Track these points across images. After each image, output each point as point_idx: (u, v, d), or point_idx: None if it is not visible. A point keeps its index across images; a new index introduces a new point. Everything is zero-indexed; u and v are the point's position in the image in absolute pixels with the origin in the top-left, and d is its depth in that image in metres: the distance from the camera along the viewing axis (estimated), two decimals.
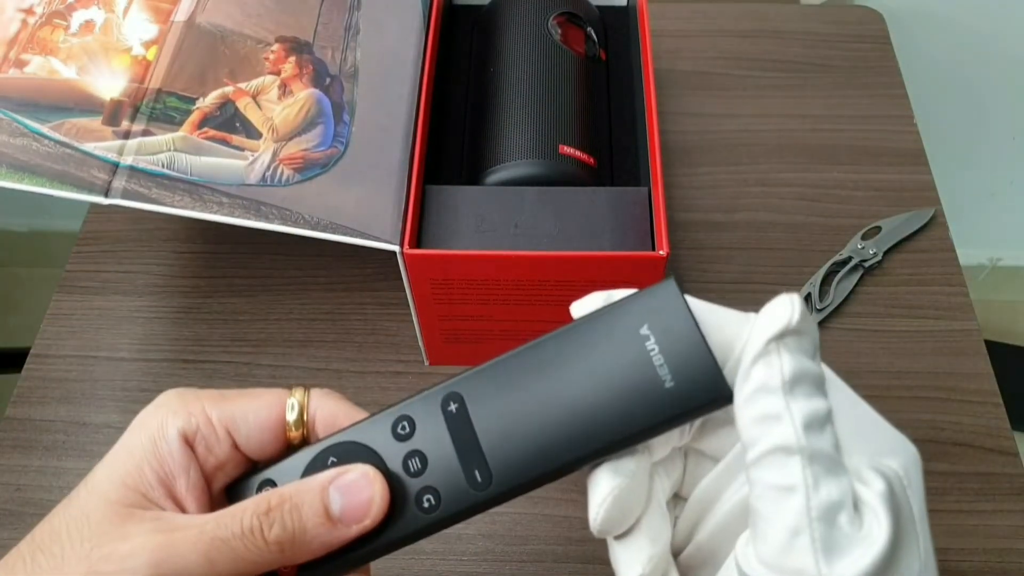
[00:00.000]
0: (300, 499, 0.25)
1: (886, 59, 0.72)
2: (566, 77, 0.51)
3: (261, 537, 0.24)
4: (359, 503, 0.25)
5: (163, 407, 0.26)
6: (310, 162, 0.47)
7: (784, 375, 0.22)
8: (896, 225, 0.61)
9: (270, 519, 0.24)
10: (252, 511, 0.24)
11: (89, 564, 0.23)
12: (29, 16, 0.49)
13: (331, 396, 0.28)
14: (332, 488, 0.25)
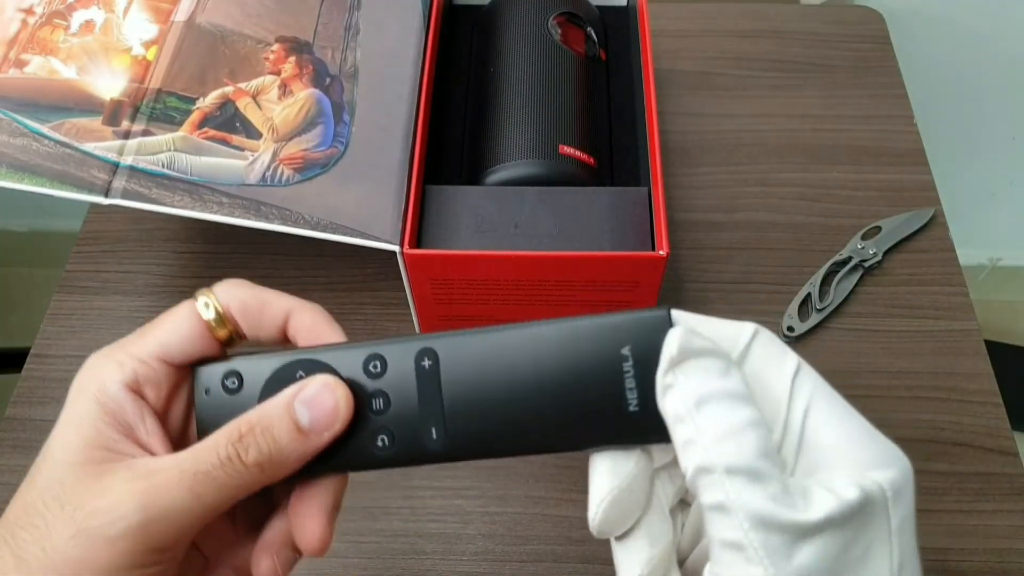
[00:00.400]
0: (269, 421, 0.25)
1: (886, 59, 0.72)
2: (566, 77, 0.51)
3: (240, 462, 0.25)
4: (325, 412, 0.25)
5: (94, 368, 0.26)
6: (310, 162, 0.47)
7: (687, 400, 0.23)
8: (896, 225, 0.61)
9: (244, 444, 0.25)
10: (226, 440, 0.25)
11: (75, 524, 0.23)
12: (29, 16, 0.49)
13: (237, 284, 0.28)
14: (297, 403, 0.25)
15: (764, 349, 0.25)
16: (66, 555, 0.23)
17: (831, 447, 0.23)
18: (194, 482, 0.24)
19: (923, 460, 0.53)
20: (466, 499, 0.51)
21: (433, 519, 0.51)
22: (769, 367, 0.24)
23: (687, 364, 0.24)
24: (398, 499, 0.51)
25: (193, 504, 0.24)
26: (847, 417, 0.24)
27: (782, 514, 0.21)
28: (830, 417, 0.24)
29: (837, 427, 0.23)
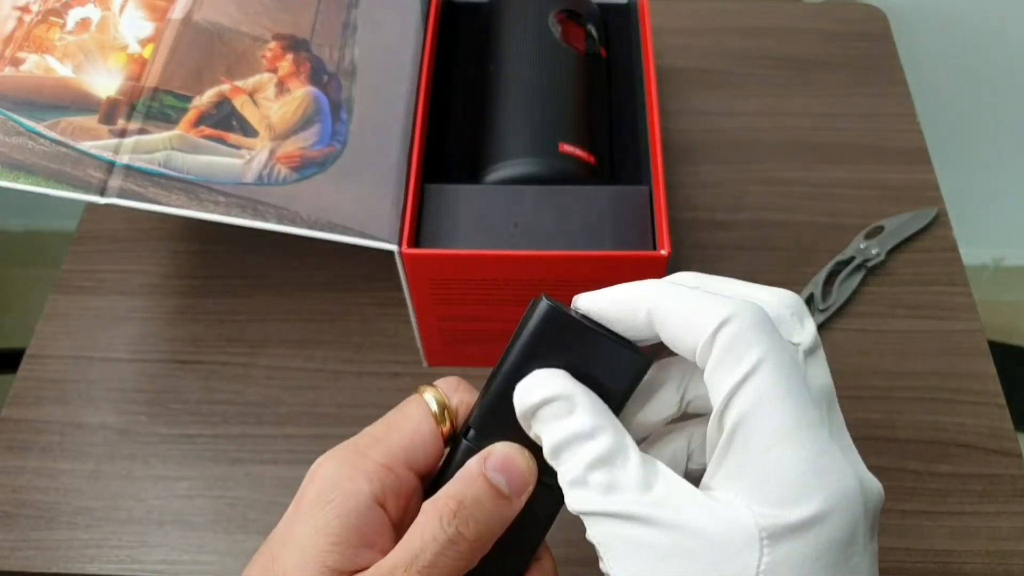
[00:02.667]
0: (474, 492, 0.25)
1: (889, 57, 0.71)
2: (566, 75, 0.51)
3: (464, 540, 0.25)
4: (517, 475, 0.26)
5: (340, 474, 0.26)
6: (307, 161, 0.46)
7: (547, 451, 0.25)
8: (899, 225, 0.61)
9: (464, 519, 0.25)
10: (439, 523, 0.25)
11: None
12: (25, 14, 0.49)
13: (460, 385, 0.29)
14: (489, 471, 0.26)
15: (726, 343, 0.23)
16: None
17: (752, 471, 0.22)
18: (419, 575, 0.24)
19: (926, 461, 0.52)
20: None
21: None
22: (724, 364, 0.23)
23: (538, 416, 0.25)
24: None
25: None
26: (788, 436, 0.22)
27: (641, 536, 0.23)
28: (765, 435, 0.22)
29: (768, 448, 0.22)
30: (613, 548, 0.23)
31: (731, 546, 0.22)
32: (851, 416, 0.57)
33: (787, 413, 0.22)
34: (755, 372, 0.22)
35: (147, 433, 0.53)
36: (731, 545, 0.22)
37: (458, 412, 0.28)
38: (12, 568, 0.49)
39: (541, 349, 0.26)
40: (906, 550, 0.49)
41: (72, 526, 0.50)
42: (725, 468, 0.23)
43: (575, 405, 0.25)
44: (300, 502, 0.26)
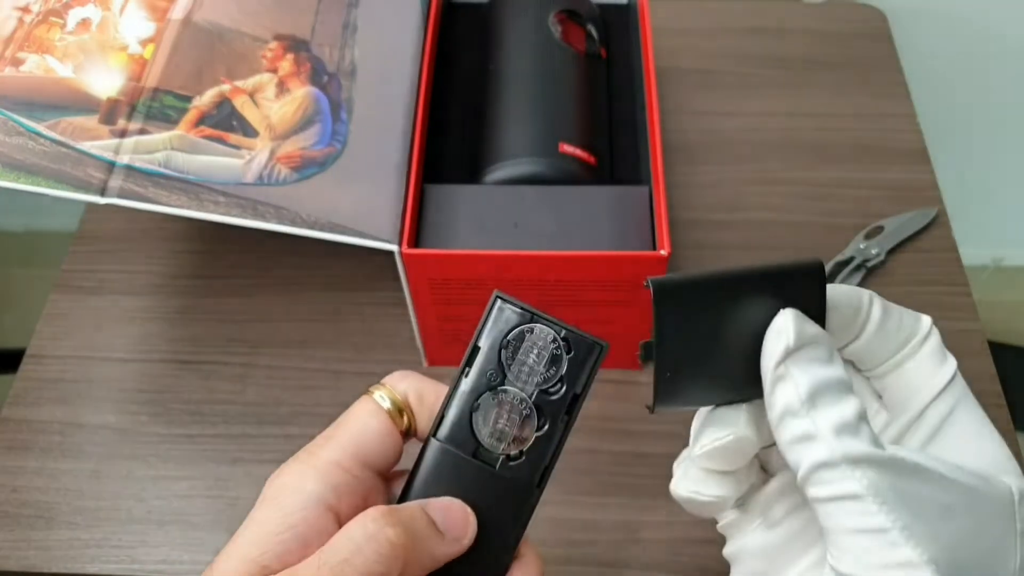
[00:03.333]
0: (409, 511, 0.25)
1: (888, 57, 0.71)
2: (566, 75, 0.51)
3: (387, 542, 0.23)
4: (456, 520, 0.25)
5: (291, 474, 0.25)
6: (307, 161, 0.46)
7: (800, 394, 0.23)
8: (899, 225, 0.61)
9: (390, 521, 0.24)
10: (363, 521, 0.24)
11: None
12: (25, 14, 0.49)
13: (407, 376, 0.28)
14: (431, 509, 0.25)
15: (934, 349, 0.26)
16: None
17: (963, 450, 0.25)
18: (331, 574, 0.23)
19: None
20: None
21: None
22: (931, 365, 0.26)
23: (799, 353, 0.24)
24: None
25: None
26: (987, 429, 0.26)
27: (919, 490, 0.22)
28: (971, 425, 0.25)
29: (976, 435, 0.25)
30: (888, 498, 0.22)
31: (997, 506, 0.23)
32: None
33: (981, 414, 0.26)
34: (955, 378, 0.26)
35: (147, 433, 0.53)
36: (998, 505, 0.23)
37: (407, 399, 0.27)
38: (12, 568, 0.49)
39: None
40: None
41: (72, 526, 0.50)
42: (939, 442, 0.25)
43: (835, 355, 0.24)
44: (255, 507, 0.26)
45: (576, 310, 0.47)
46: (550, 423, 0.26)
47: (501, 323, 0.26)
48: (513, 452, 0.26)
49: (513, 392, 0.26)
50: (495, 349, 0.26)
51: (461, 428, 0.26)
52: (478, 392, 0.26)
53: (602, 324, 0.49)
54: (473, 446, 0.26)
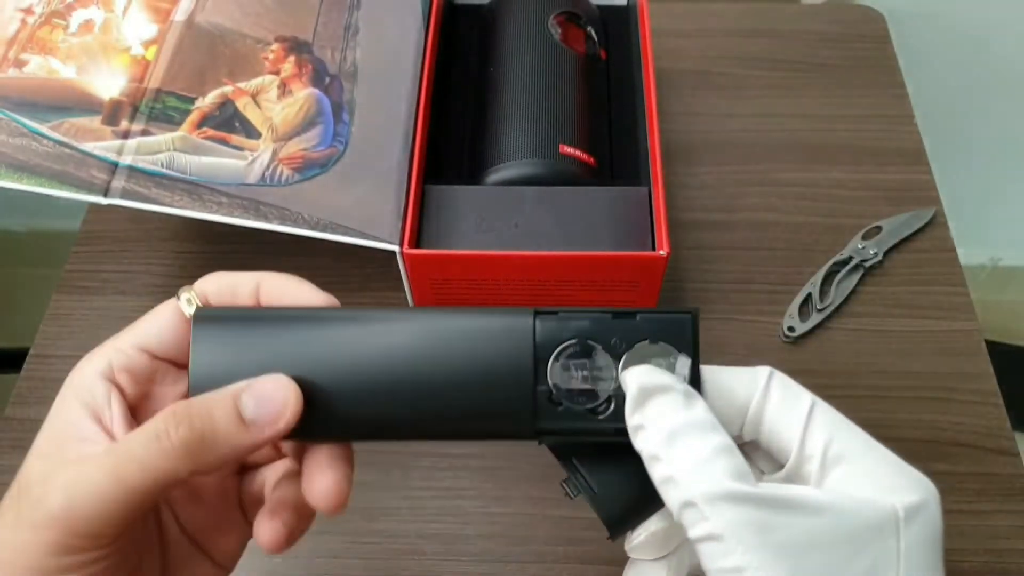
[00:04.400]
0: (211, 404, 0.24)
1: (887, 58, 0.72)
2: (566, 76, 0.51)
3: (167, 439, 0.23)
4: (272, 410, 0.25)
5: (79, 363, 0.27)
6: (309, 162, 0.47)
7: (658, 439, 0.24)
8: (897, 225, 0.61)
9: (176, 420, 0.24)
10: (160, 417, 0.24)
11: (16, 512, 0.24)
12: (28, 16, 0.49)
13: (213, 275, 0.29)
14: (245, 395, 0.25)
15: (781, 390, 0.26)
16: (5, 541, 0.24)
17: (858, 472, 0.24)
18: (116, 463, 0.23)
19: (924, 460, 0.52)
20: (466, 499, 0.51)
21: (433, 519, 0.51)
22: (787, 403, 0.26)
23: (651, 402, 0.24)
24: (398, 499, 0.51)
25: (114, 488, 0.23)
26: (870, 447, 0.25)
27: (787, 523, 0.22)
28: (854, 445, 0.25)
29: (861, 454, 0.25)
30: (744, 537, 0.22)
31: (873, 529, 0.23)
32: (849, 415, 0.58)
33: (858, 430, 0.26)
34: (817, 404, 0.26)
35: None
36: (873, 527, 0.23)
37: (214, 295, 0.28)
38: None
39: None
40: None
41: None
42: (828, 479, 0.24)
43: (693, 400, 0.25)
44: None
45: None
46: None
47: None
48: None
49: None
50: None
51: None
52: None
53: None
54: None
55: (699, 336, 0.27)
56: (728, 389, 0.26)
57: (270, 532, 0.27)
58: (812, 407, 0.26)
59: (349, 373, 0.26)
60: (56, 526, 0.23)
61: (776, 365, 0.60)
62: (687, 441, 0.23)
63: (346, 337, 0.26)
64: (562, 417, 0.26)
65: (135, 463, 0.23)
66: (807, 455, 0.25)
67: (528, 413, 0.26)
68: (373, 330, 0.26)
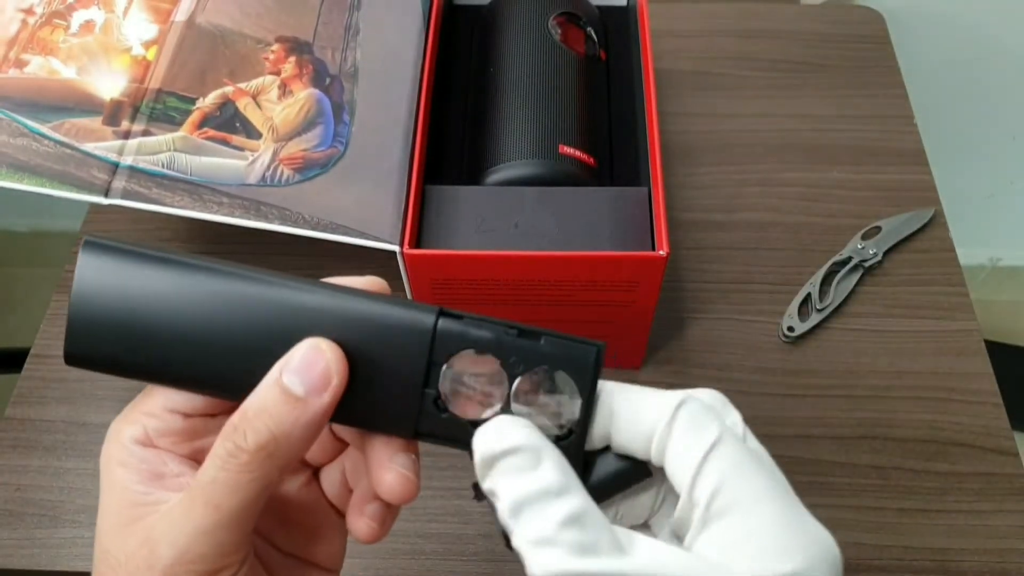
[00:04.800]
0: (260, 402, 0.24)
1: (886, 59, 0.72)
2: (566, 77, 0.51)
3: (242, 453, 0.23)
4: (317, 374, 0.24)
5: (112, 433, 0.27)
6: (310, 162, 0.47)
7: (505, 510, 0.23)
8: (896, 225, 0.61)
9: (240, 433, 0.23)
10: (221, 440, 0.24)
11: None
12: (29, 16, 0.49)
13: None
14: (285, 375, 0.24)
15: (687, 421, 0.24)
16: None
17: (737, 530, 0.22)
18: (205, 496, 0.23)
19: (923, 460, 0.53)
20: (466, 499, 0.51)
21: (433, 519, 0.51)
22: (689, 436, 0.24)
23: (496, 468, 0.23)
24: None
25: (216, 517, 0.23)
26: (766, 497, 0.23)
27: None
28: (743, 496, 0.23)
29: (749, 508, 0.22)
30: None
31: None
32: (848, 416, 0.58)
33: (760, 476, 0.23)
34: (720, 443, 0.23)
35: None
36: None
37: None
38: (16, 566, 0.49)
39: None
40: (904, 548, 0.50)
41: (76, 524, 0.50)
42: (707, 532, 0.23)
43: (542, 459, 0.23)
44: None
45: (576, 310, 0.48)
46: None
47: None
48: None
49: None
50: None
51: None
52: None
53: (602, 324, 0.49)
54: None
55: (600, 371, 0.25)
56: (635, 413, 0.25)
57: (363, 527, 0.27)
58: (713, 445, 0.23)
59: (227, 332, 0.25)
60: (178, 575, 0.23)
61: (776, 365, 0.61)
62: (531, 513, 0.22)
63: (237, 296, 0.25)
64: (444, 424, 0.25)
65: (222, 487, 0.23)
66: (694, 501, 0.23)
67: (410, 414, 0.25)
68: (272, 296, 0.25)
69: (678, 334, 0.57)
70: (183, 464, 0.26)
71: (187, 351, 0.25)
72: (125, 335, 0.25)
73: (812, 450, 0.53)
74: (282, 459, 0.24)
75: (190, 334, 0.25)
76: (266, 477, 0.24)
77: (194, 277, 0.25)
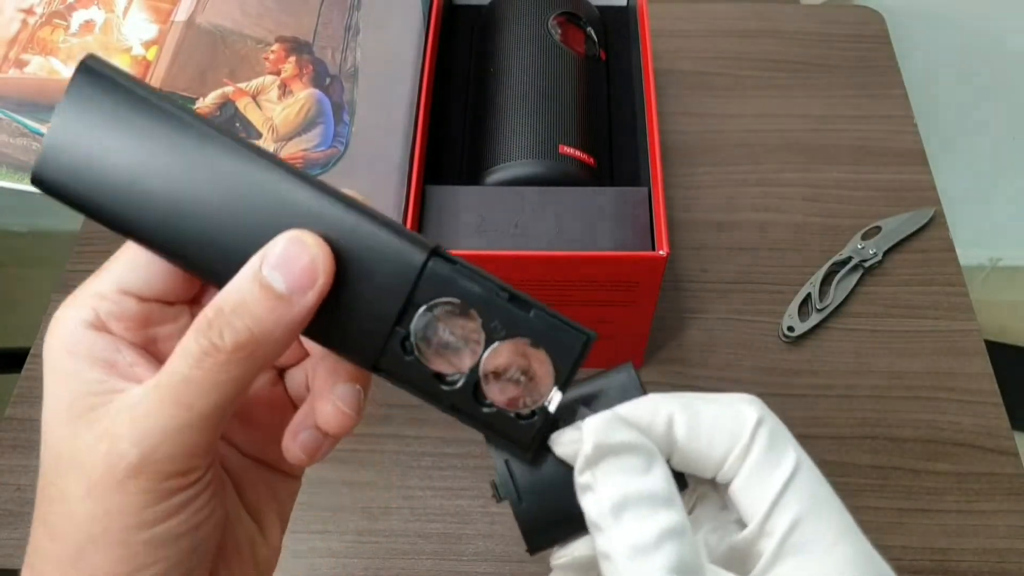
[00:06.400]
0: (238, 297, 0.22)
1: (886, 59, 0.72)
2: (566, 77, 0.51)
3: (218, 351, 0.21)
4: (301, 270, 0.22)
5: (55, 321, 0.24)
6: (310, 162, 0.47)
7: (603, 508, 0.22)
8: (896, 225, 0.61)
9: (216, 330, 0.21)
10: (194, 335, 0.22)
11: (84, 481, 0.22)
12: (29, 16, 0.49)
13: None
14: (265, 269, 0.22)
15: (765, 442, 0.23)
16: (86, 513, 0.22)
17: (814, 568, 0.22)
18: (176, 394, 0.21)
19: (923, 460, 0.53)
20: (466, 499, 0.51)
21: (433, 519, 0.51)
22: (767, 461, 0.23)
23: (605, 463, 0.22)
24: (398, 499, 0.51)
25: (188, 417, 0.21)
26: (843, 538, 0.22)
27: None
28: (822, 534, 0.22)
29: (826, 550, 0.22)
30: None
31: None
32: (849, 415, 0.58)
33: (836, 513, 0.23)
34: (798, 473, 0.23)
35: None
36: None
37: None
38: (16, 566, 0.49)
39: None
40: (903, 548, 0.50)
41: None
42: (782, 567, 0.22)
43: (654, 463, 0.22)
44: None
45: (576, 310, 0.48)
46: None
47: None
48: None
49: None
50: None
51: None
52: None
53: (602, 324, 0.49)
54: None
55: (583, 361, 0.23)
56: (708, 434, 0.23)
57: (293, 454, 0.25)
58: (793, 474, 0.22)
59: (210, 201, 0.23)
60: (143, 476, 0.21)
61: (776, 365, 0.61)
62: (634, 518, 0.21)
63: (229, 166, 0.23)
64: (406, 366, 0.23)
65: (196, 386, 0.21)
66: (767, 531, 0.22)
67: (375, 347, 0.23)
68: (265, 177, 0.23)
69: (678, 334, 0.57)
70: (136, 353, 0.24)
71: (163, 209, 0.23)
72: (101, 173, 0.23)
73: (812, 450, 0.52)
74: (260, 360, 0.22)
75: (170, 192, 0.23)
76: (242, 378, 0.22)
77: (187, 135, 0.23)
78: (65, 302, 0.24)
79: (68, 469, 0.22)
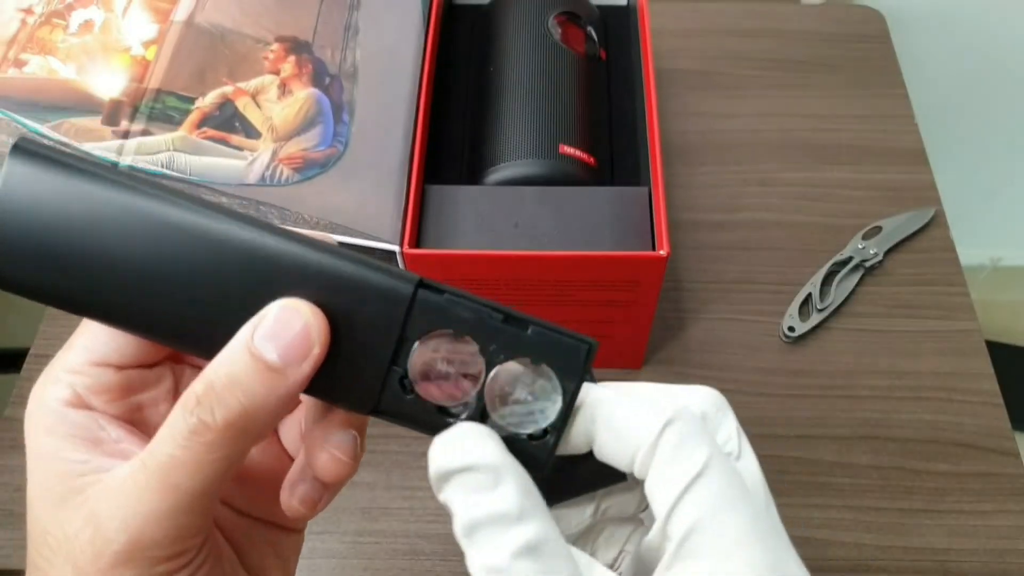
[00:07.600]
0: (229, 372, 0.21)
1: (887, 59, 0.72)
2: (566, 76, 0.51)
3: (209, 430, 0.20)
4: (296, 340, 0.21)
5: (35, 399, 0.24)
6: (309, 162, 0.47)
7: (459, 529, 0.21)
8: (897, 225, 0.61)
9: (206, 407, 0.20)
10: (181, 412, 0.21)
11: (72, 566, 0.21)
12: (28, 16, 0.49)
13: None
14: (257, 340, 0.21)
15: (671, 446, 0.22)
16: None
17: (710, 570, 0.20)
18: (163, 475, 0.20)
19: (924, 460, 0.52)
20: None
21: (433, 519, 0.51)
22: (675, 461, 0.21)
23: (451, 483, 0.21)
24: (398, 500, 0.51)
25: (176, 499, 0.21)
26: (745, 541, 0.21)
27: None
28: (721, 539, 0.21)
29: (727, 553, 0.20)
30: None
31: None
32: (849, 416, 0.58)
33: (743, 515, 0.21)
34: (704, 474, 0.21)
35: None
36: None
37: None
38: (16, 566, 0.49)
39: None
40: (904, 548, 0.50)
41: None
42: (674, 572, 0.21)
43: (501, 478, 0.21)
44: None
45: (576, 310, 0.48)
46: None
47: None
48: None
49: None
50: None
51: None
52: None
53: (602, 324, 0.49)
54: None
55: (588, 370, 0.22)
56: (618, 431, 0.22)
57: (293, 507, 0.25)
58: (696, 476, 0.21)
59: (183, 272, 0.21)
60: (131, 564, 0.21)
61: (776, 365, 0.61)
62: (485, 538, 0.21)
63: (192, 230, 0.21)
64: (408, 405, 0.22)
65: (183, 467, 0.21)
66: (667, 534, 0.21)
67: (373, 391, 0.22)
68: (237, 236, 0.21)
69: (678, 334, 0.57)
70: (120, 428, 0.23)
71: (130, 285, 0.22)
72: (56, 258, 0.21)
73: (812, 450, 0.53)
74: (252, 435, 0.21)
75: (134, 266, 0.21)
76: (233, 455, 0.21)
77: (142, 202, 0.21)
78: (41, 378, 0.24)
79: (55, 553, 0.22)
